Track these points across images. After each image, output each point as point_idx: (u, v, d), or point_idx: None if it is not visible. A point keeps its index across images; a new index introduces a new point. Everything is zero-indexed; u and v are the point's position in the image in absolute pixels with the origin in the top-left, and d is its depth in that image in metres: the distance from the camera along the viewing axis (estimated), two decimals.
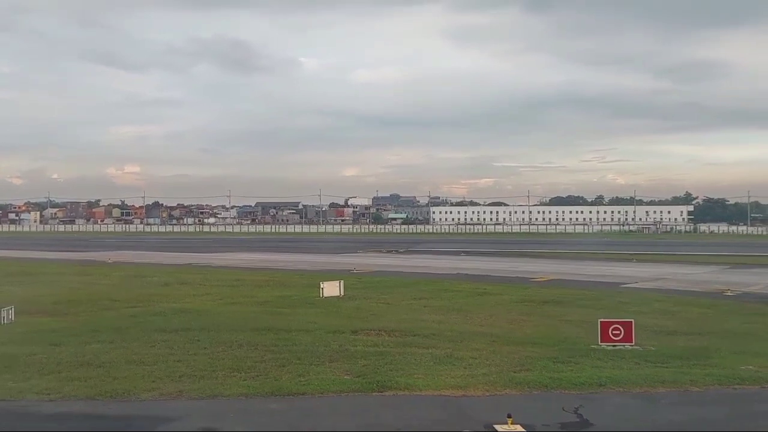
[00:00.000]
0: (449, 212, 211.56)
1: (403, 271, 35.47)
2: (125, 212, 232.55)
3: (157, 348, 14.23)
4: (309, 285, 28.27)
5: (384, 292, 25.68)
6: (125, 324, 17.76)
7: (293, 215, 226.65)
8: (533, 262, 43.45)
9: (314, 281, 29.39)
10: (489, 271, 34.88)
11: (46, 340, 15.17)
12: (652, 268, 38.40)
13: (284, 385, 10.90)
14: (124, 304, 22.31)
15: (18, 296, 24.29)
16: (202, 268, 38.12)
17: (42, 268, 38.09)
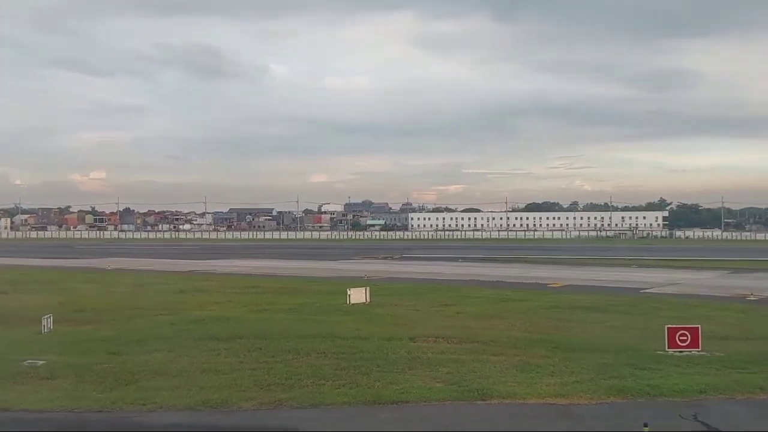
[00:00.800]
0: (427, 218, 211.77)
1: (413, 277, 35.26)
2: (98, 219, 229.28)
3: (223, 356, 13.93)
4: (328, 292, 28.12)
5: (408, 299, 25.47)
6: (167, 332, 17.41)
7: (269, 222, 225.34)
8: (537, 268, 43.51)
9: (331, 288, 29.38)
10: (500, 277, 34.81)
11: (101, 349, 14.81)
12: (658, 273, 38.70)
13: (383, 393, 10.69)
14: (151, 312, 21.91)
15: (37, 304, 23.74)
16: (208, 275, 37.66)
17: (44, 275, 37.27)
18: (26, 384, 11.68)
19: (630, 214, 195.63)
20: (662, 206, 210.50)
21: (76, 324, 18.92)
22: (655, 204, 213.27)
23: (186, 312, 22.02)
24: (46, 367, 12.95)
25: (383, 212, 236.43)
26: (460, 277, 35.23)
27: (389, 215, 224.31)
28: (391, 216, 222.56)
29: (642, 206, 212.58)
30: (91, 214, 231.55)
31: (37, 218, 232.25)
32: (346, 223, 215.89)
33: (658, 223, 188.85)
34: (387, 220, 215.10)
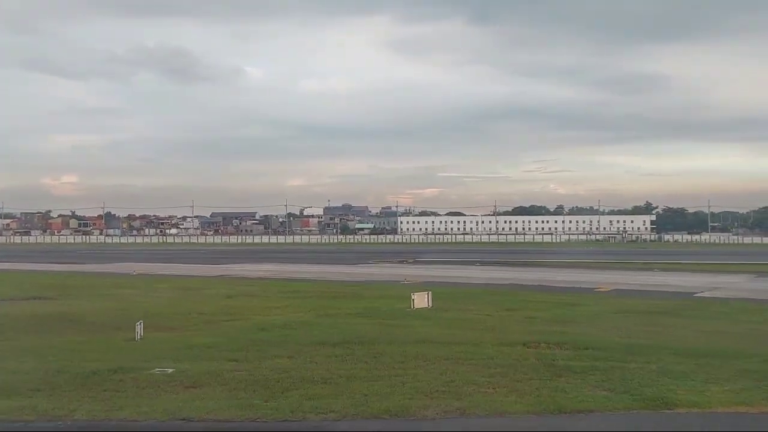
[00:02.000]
0: (416, 222, 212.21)
1: (450, 281, 35.03)
2: (82, 223, 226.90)
3: (350, 362, 13.63)
4: (381, 296, 28.00)
5: (468, 303, 25.25)
6: (265, 337, 17.12)
7: (257, 225, 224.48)
8: (563, 271, 43.52)
9: (381, 292, 29.29)
10: (537, 281, 34.76)
11: (218, 356, 14.46)
12: (689, 277, 38.83)
13: (560, 402, 10.46)
14: (221, 317, 21.54)
15: (97, 310, 23.41)
16: (242, 280, 37.22)
17: (75, 281, 36.52)
18: (178, 393, 11.35)
19: (618, 218, 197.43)
20: (648, 210, 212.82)
21: (160, 330, 18.52)
22: (642, 207, 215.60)
23: (256, 317, 21.71)
24: (179, 374, 12.62)
25: (364, 215, 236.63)
26: (497, 281, 35.09)
27: (378, 219, 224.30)
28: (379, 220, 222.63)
29: (628, 210, 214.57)
30: (75, 219, 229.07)
31: (20, 223, 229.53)
32: (334, 226, 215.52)
33: (646, 226, 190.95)
34: (375, 223, 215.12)
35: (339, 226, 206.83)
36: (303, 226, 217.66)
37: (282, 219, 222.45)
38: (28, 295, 28.81)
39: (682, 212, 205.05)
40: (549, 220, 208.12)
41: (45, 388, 11.73)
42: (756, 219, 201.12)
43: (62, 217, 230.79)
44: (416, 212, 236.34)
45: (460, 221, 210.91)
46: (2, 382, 12.09)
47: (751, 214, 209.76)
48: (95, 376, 12.55)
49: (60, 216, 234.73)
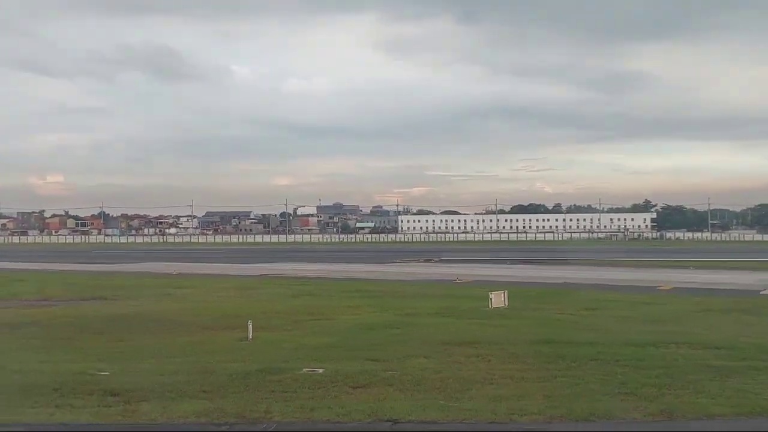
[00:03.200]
0: (417, 221, 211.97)
1: (502, 280, 34.43)
2: (80, 223, 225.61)
3: (494, 362, 13.42)
4: (446, 295, 27.78)
5: (541, 303, 25.07)
6: (375, 337, 16.97)
7: (255, 225, 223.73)
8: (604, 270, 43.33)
9: (439, 291, 29.24)
10: (591, 280, 34.48)
11: (354, 357, 14.26)
12: (734, 274, 38.77)
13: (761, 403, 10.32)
14: (303, 317, 21.35)
15: (172, 310, 23.15)
16: (289, 279, 36.99)
17: (116, 281, 36.17)
18: (352, 393, 11.12)
19: (618, 216, 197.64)
20: (647, 208, 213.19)
21: (259, 330, 18.27)
22: (640, 205, 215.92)
23: (341, 316, 21.59)
24: (332, 375, 12.38)
25: (356, 214, 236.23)
26: (546, 280, 34.87)
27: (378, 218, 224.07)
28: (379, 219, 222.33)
29: (627, 208, 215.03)
30: (72, 218, 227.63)
31: (17, 223, 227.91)
32: (333, 225, 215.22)
33: (646, 224, 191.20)
34: (376, 222, 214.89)
35: (339, 225, 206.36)
36: (302, 225, 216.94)
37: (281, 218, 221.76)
38: (84, 296, 28.58)
39: (681, 210, 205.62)
40: (549, 218, 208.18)
41: (212, 389, 11.51)
42: (754, 216, 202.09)
43: (59, 216, 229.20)
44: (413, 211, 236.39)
45: (460, 220, 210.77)
46: (167, 383, 11.87)
47: (749, 211, 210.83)
48: (250, 377, 12.33)
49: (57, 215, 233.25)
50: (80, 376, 12.62)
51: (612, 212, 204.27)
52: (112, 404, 10.68)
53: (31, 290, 30.69)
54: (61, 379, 12.26)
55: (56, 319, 21.02)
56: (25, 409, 10.36)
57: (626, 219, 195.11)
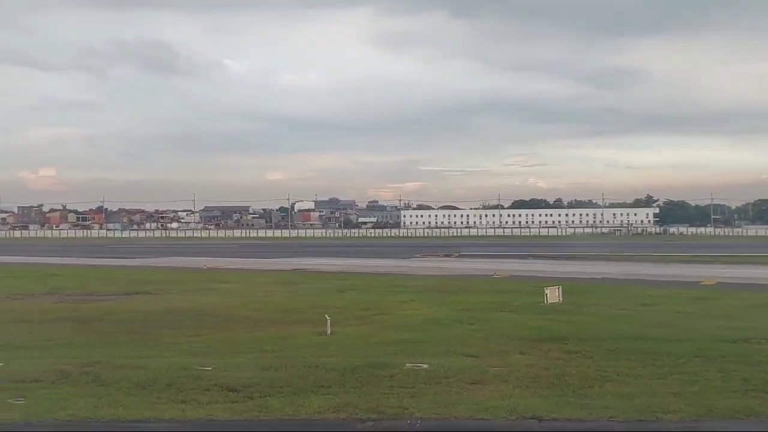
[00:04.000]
0: (419, 216, 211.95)
1: (539, 275, 34.46)
2: (81, 217, 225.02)
3: (597, 359, 13.37)
4: (493, 290, 27.70)
5: (593, 299, 24.92)
6: (451, 333, 16.95)
7: (257, 219, 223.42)
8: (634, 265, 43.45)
9: (485, 286, 29.16)
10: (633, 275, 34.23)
11: (448, 352, 14.24)
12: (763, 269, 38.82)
13: None
14: (362, 312, 21.28)
15: (222, 305, 23.01)
16: (325, 274, 36.89)
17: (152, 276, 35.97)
18: (471, 390, 11.06)
19: (621, 211, 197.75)
20: (649, 203, 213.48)
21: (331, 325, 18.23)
22: (642, 200, 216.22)
23: (398, 312, 21.50)
24: (438, 370, 12.32)
25: (352, 209, 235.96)
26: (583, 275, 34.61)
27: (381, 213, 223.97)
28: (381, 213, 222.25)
29: (629, 203, 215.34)
30: (73, 213, 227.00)
31: (17, 217, 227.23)
32: (335, 220, 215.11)
33: (649, 219, 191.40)
34: (378, 217, 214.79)
35: (342, 220, 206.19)
36: (304, 220, 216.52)
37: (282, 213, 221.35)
38: (128, 291, 28.42)
39: (683, 205, 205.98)
40: (552, 213, 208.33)
41: (328, 384, 11.46)
42: (755, 212, 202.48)
43: (59, 211, 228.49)
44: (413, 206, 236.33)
45: (462, 215, 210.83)
46: (278, 378, 11.86)
47: (750, 206, 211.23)
48: (358, 372, 12.29)
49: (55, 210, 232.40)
50: (185, 371, 12.52)
51: (614, 207, 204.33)
52: (238, 400, 10.62)
53: (70, 285, 30.59)
54: (169, 375, 12.19)
55: (119, 314, 20.93)
56: (155, 405, 10.27)
57: (628, 214, 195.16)
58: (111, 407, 10.13)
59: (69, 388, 11.31)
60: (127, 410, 9.98)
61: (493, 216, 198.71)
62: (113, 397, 10.76)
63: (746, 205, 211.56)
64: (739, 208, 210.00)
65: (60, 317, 20.40)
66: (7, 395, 10.84)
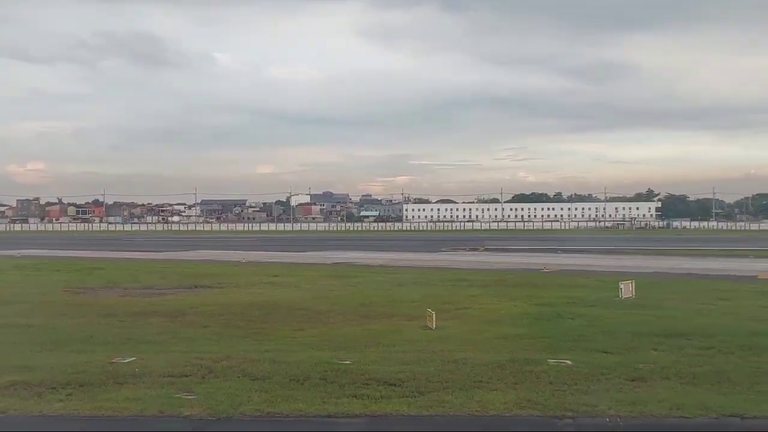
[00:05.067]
0: (422, 210, 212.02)
1: (588, 270, 34.10)
2: (81, 210, 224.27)
3: (757, 356, 13.15)
4: (557, 285, 27.46)
5: (663, 294, 24.63)
6: (571, 327, 16.73)
7: (258, 213, 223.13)
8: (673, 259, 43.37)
9: (546, 281, 28.96)
10: (683, 269, 33.95)
11: (580, 348, 14.01)
12: None
13: None
14: (442, 305, 20.46)
15: (296, 299, 22.78)
16: (371, 268, 36.60)
17: (198, 269, 35.65)
18: (634, 387, 10.88)
19: (623, 205, 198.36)
20: (650, 197, 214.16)
21: (420, 320, 18.03)
22: (643, 195, 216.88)
23: (475, 306, 21.12)
24: (583, 367, 12.10)
25: (345, 202, 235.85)
26: (631, 269, 34.30)
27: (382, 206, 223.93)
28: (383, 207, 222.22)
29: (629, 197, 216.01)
30: (72, 206, 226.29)
31: (16, 210, 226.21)
32: (336, 214, 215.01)
33: (651, 213, 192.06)
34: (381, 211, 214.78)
35: (344, 214, 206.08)
36: (305, 213, 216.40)
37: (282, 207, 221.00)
38: (186, 285, 28.07)
39: (684, 199, 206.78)
40: (554, 207, 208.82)
41: (490, 380, 11.26)
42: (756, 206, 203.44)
43: (59, 204, 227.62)
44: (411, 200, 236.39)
45: (465, 209, 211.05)
46: (431, 373, 11.64)
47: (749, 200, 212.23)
48: (506, 367, 12.07)
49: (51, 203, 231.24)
50: (329, 365, 12.32)
51: (614, 201, 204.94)
52: (408, 394, 10.41)
53: (122, 279, 30.20)
54: (315, 369, 11.98)
55: (201, 308, 20.61)
56: (330, 400, 10.08)
57: (630, 208, 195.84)
58: (289, 402, 9.94)
59: (228, 383, 11.09)
60: (307, 405, 9.79)
61: (495, 210, 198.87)
62: (280, 391, 10.55)
63: (745, 200, 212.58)
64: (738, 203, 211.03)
65: (142, 311, 20.10)
66: (171, 390, 10.64)
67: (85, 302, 22.58)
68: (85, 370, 12.09)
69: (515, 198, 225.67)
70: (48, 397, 10.38)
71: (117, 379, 11.49)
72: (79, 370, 12.07)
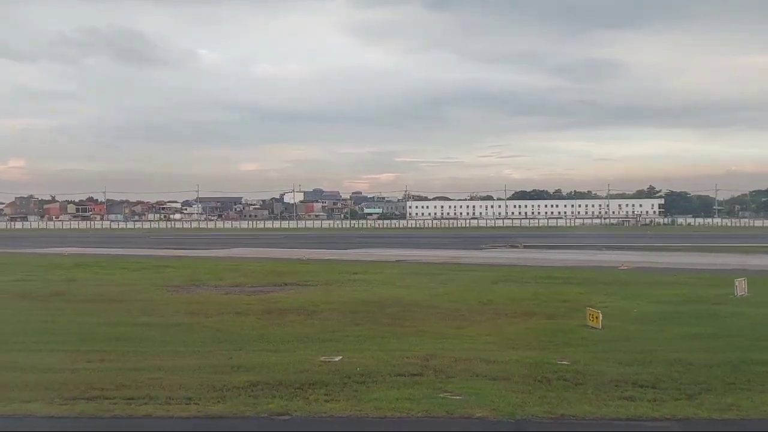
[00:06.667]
0: (426, 207, 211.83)
1: (662, 268, 33.97)
2: (81, 208, 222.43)
3: None
4: (652, 283, 27.12)
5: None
6: (738, 327, 16.40)
7: (260, 211, 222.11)
8: (733, 256, 43.27)
9: (630, 279, 28.56)
10: (756, 267, 34.02)
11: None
12: None
13: None
14: (571, 305, 20.68)
15: (417, 296, 22.48)
16: (436, 265, 36.31)
17: (274, 267, 35.25)
18: None
19: (627, 202, 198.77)
20: (651, 194, 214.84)
21: (558, 318, 17.85)
22: (644, 192, 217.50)
23: (601, 305, 20.65)
24: None
25: (337, 200, 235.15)
26: (707, 266, 34.27)
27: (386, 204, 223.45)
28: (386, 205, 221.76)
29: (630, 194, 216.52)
30: (72, 204, 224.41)
31: (15, 208, 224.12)
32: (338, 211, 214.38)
33: (654, 210, 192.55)
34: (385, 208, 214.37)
35: (347, 211, 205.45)
36: (307, 211, 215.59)
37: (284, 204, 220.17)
38: (269, 282, 27.67)
39: (686, 196, 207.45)
40: (558, 204, 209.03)
41: (716, 385, 11.03)
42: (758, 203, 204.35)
43: (59, 202, 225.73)
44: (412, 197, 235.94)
45: (469, 206, 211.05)
46: (641, 373, 11.47)
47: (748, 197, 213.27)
48: (744, 368, 11.86)
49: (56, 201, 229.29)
50: (547, 365, 12.13)
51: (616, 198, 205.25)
52: (677, 397, 10.17)
53: (203, 277, 29.77)
54: (543, 370, 11.78)
55: (322, 305, 20.29)
56: (612, 402, 9.83)
57: (634, 205, 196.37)
58: (582, 404, 9.68)
59: (478, 384, 10.85)
60: (596, 408, 9.54)
61: (499, 207, 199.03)
62: (555, 393, 10.32)
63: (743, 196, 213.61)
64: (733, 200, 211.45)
65: (268, 309, 19.70)
66: (428, 391, 10.38)
67: (196, 300, 22.20)
68: (307, 369, 11.82)
69: (516, 195, 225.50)
70: (311, 398, 10.08)
71: (352, 378, 11.20)
72: (300, 369, 11.80)
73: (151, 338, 15.08)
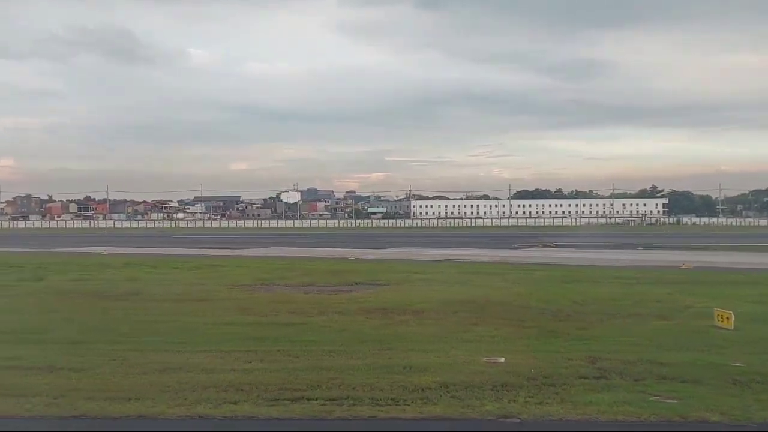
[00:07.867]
0: (429, 206, 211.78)
1: (722, 267, 33.57)
2: (83, 207, 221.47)
3: None
4: (720, 282, 26.74)
5: None
6: None
7: (263, 210, 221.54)
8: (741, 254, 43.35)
9: (698, 278, 28.18)
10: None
11: None
12: None
13: None
14: (669, 306, 20.34)
15: (499, 296, 22.07)
16: (487, 264, 36.01)
17: (330, 267, 34.80)
18: None
19: (630, 201, 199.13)
20: (654, 193, 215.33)
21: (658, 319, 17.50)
22: (647, 191, 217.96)
23: (697, 307, 20.43)
24: None
25: (331, 199, 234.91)
26: (760, 267, 34.10)
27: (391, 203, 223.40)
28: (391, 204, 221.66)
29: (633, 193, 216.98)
30: (74, 203, 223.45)
31: (16, 207, 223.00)
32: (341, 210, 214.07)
33: (658, 209, 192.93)
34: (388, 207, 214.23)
35: (350, 211, 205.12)
36: (311, 210, 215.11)
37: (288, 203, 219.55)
38: (340, 282, 27.12)
39: (689, 195, 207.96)
40: (562, 203, 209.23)
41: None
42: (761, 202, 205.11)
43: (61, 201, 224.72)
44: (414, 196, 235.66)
45: (473, 205, 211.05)
46: None
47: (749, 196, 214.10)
48: None
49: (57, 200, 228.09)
50: (723, 367, 11.77)
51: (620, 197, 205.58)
52: None
53: (268, 277, 29.20)
54: (720, 371, 11.45)
55: (417, 305, 19.88)
56: None
57: (637, 204, 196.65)
58: None
59: (681, 386, 10.47)
60: None
61: (503, 206, 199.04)
62: (749, 397, 9.96)
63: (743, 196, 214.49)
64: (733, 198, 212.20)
65: (364, 309, 19.23)
66: (636, 395, 10.01)
67: (282, 299, 21.65)
68: (481, 371, 11.51)
69: (517, 194, 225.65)
70: (520, 400, 9.71)
71: (538, 381, 10.86)
72: (474, 371, 11.51)
73: (287, 337, 14.64)
